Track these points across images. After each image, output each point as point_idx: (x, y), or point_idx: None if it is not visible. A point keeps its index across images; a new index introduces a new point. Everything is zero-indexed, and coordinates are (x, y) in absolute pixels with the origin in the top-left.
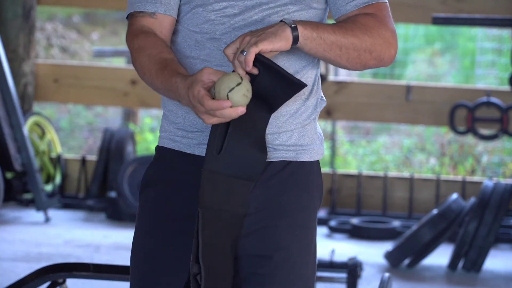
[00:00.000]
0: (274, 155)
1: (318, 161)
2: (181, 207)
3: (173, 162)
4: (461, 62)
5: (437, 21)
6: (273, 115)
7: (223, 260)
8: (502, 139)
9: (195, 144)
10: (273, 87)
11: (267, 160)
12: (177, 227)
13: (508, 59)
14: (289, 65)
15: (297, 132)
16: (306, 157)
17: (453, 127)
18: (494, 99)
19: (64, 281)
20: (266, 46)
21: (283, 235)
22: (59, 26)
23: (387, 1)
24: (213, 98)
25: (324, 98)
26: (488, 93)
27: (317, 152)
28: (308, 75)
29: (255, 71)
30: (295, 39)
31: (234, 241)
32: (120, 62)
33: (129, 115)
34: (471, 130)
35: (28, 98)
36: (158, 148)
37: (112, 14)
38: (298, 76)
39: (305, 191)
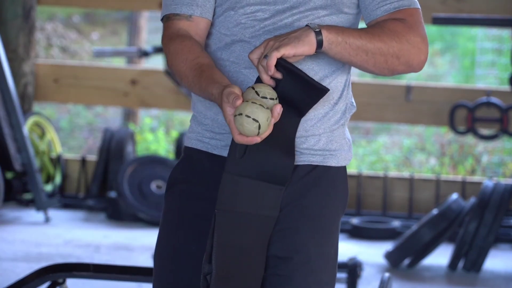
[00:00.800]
0: (300, 159)
1: (345, 167)
2: (207, 208)
3: (200, 163)
4: (461, 62)
5: (437, 21)
6: (301, 119)
7: (243, 261)
8: (502, 139)
9: (223, 146)
10: (297, 91)
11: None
12: (201, 228)
13: (508, 59)
14: (319, 69)
15: (325, 137)
16: (333, 162)
17: (453, 127)
18: (494, 99)
19: (64, 281)
20: (288, 51)
21: (304, 238)
22: (59, 26)
23: (419, 7)
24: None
25: (354, 103)
26: (488, 93)
27: (345, 157)
28: (337, 80)
29: (278, 75)
30: (319, 44)
31: (263, 243)
32: (120, 62)
33: (129, 115)
34: (471, 130)
35: (28, 98)
36: (185, 148)
37: (112, 14)
38: (327, 81)
39: (329, 196)
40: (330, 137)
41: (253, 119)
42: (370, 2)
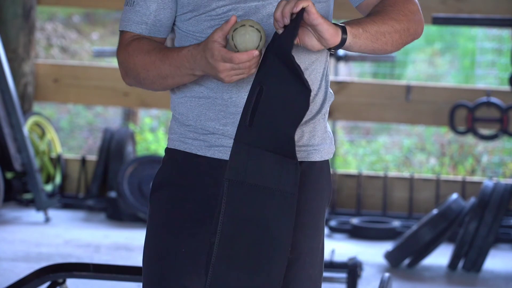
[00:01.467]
0: None
1: (328, 160)
2: (194, 209)
3: (185, 164)
4: (461, 62)
5: (437, 21)
6: None
7: (257, 238)
8: (502, 139)
9: (207, 147)
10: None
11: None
12: (190, 229)
13: (508, 59)
14: (299, 62)
15: (308, 132)
16: (317, 157)
17: (453, 127)
18: (494, 99)
19: (64, 281)
20: (313, 11)
21: (295, 235)
22: (59, 26)
23: None
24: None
25: (332, 92)
26: (488, 93)
27: (328, 151)
28: (317, 71)
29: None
30: (343, 41)
31: (286, 223)
32: None
33: (129, 115)
34: (471, 130)
35: (28, 98)
36: (168, 150)
37: (112, 14)
38: (307, 73)
39: (315, 191)
40: (313, 132)
41: (256, 29)
42: None
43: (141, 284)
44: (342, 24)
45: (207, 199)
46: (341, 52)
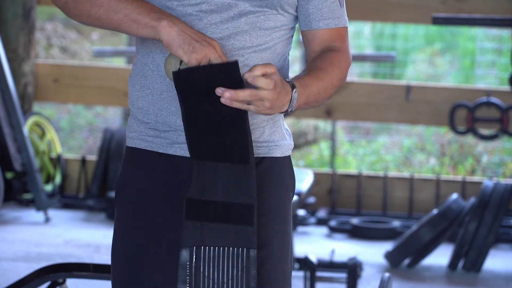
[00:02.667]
0: None
1: (289, 156)
2: (158, 208)
3: (147, 163)
4: (461, 62)
5: (437, 21)
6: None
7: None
8: (502, 139)
9: (168, 144)
10: (217, 79)
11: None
12: (157, 229)
13: (508, 59)
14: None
15: (268, 128)
16: (278, 153)
17: (453, 127)
18: (494, 99)
19: (64, 281)
20: (264, 112)
21: (266, 231)
22: (59, 26)
23: (348, 26)
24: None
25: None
26: (488, 93)
27: (288, 147)
28: (281, 71)
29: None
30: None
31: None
32: (120, 62)
33: (129, 115)
34: (471, 130)
35: (28, 98)
36: (128, 149)
37: None
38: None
39: (281, 186)
40: (273, 129)
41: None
42: (314, 12)
43: None
44: (294, 101)
45: (171, 195)
46: None
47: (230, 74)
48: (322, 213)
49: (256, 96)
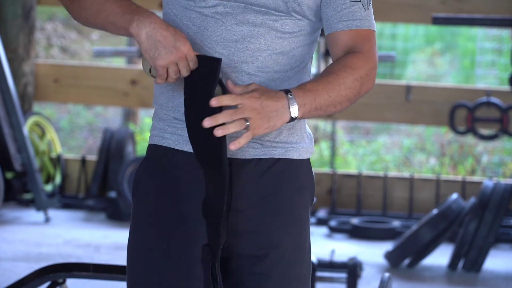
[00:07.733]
0: (262, 152)
1: (308, 159)
2: (174, 204)
3: (164, 159)
4: (461, 62)
5: (437, 21)
6: None
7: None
8: (502, 139)
9: (184, 141)
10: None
11: (256, 157)
12: (172, 225)
13: (508, 59)
14: (279, 69)
15: (286, 130)
16: (295, 155)
17: (453, 127)
18: (494, 99)
19: (64, 281)
20: (257, 132)
21: (277, 233)
22: (59, 26)
23: (375, 30)
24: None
25: None
26: (488, 93)
27: (307, 150)
28: (301, 73)
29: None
30: (292, 119)
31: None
32: (120, 62)
33: (129, 115)
34: (471, 130)
35: (28, 98)
36: (149, 146)
37: None
38: (290, 80)
39: (295, 189)
40: (291, 130)
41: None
42: (333, 14)
43: None
44: (294, 105)
45: (186, 192)
46: None
47: (210, 69)
48: (322, 213)
49: (234, 113)
